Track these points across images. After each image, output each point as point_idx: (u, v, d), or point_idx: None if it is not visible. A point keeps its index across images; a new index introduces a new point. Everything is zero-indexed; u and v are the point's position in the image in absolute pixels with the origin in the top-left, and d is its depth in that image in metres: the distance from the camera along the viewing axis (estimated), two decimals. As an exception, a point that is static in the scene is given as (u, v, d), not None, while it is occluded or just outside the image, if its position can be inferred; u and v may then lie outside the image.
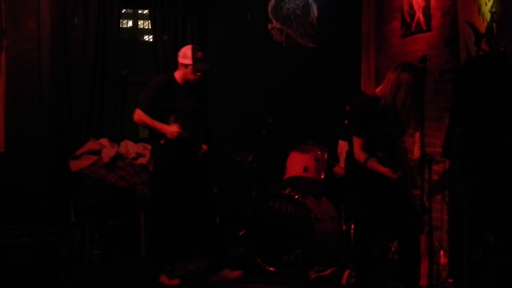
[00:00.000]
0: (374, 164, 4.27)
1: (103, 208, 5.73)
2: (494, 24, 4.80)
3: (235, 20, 6.87)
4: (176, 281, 5.03)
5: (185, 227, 5.59)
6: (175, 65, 6.49)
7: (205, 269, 5.40)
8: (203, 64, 5.15)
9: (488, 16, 4.86)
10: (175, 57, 6.50)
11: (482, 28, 4.94)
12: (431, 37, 5.71)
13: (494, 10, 4.79)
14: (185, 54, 5.15)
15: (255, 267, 5.41)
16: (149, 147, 6.14)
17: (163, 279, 5.06)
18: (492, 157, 4.03)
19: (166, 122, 5.03)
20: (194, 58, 5.08)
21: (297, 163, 5.64)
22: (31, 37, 6.09)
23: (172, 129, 4.98)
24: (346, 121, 5.51)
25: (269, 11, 6.91)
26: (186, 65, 5.12)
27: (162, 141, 5.02)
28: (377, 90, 4.52)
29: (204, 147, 5.21)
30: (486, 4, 4.88)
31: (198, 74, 5.11)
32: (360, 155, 4.32)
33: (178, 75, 5.20)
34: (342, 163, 5.61)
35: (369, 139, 4.36)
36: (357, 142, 4.38)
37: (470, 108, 4.25)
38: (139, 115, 5.04)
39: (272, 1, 6.90)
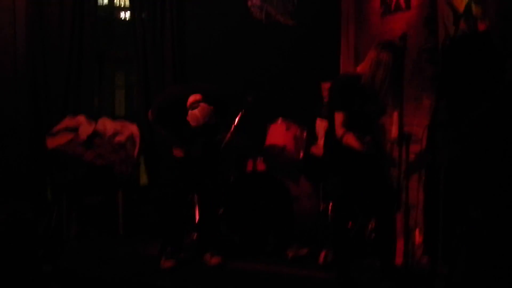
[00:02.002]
0: (349, 139, 4.29)
1: (81, 186, 5.71)
2: (472, 3, 4.80)
3: (214, -3, 6.81)
4: (168, 263, 5.02)
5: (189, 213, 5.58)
6: (153, 42, 6.47)
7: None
8: None
9: (467, -5, 4.87)
10: (154, 33, 6.49)
11: (461, 7, 4.94)
12: (410, 16, 5.70)
13: (472, -11, 4.80)
14: None
15: (233, 245, 5.42)
16: (127, 124, 6.14)
17: (161, 258, 5.06)
18: (474, 126, 4.08)
19: None
20: None
21: (277, 141, 5.64)
22: (5, 10, 6.02)
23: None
24: (325, 99, 5.53)
25: (249, -13, 6.85)
26: None
27: None
28: (358, 68, 4.53)
29: None
30: (465, -16, 4.89)
31: None
32: (339, 130, 4.33)
33: None
34: (319, 142, 5.63)
35: (348, 117, 4.37)
36: (337, 117, 4.38)
37: (455, 82, 4.29)
38: None
39: (252, -22, 6.85)
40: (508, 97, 4.07)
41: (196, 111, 4.85)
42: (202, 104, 4.87)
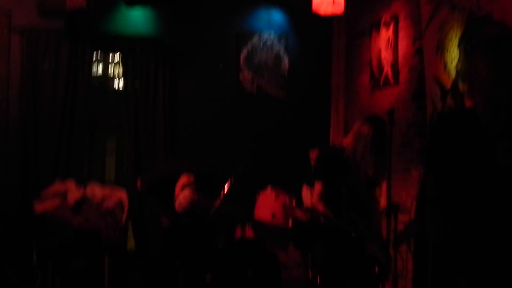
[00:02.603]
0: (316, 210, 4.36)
1: (67, 251, 5.63)
2: (459, 81, 4.94)
3: (207, 69, 6.95)
4: None
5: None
6: (145, 112, 6.55)
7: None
8: None
9: (453, 73, 5.01)
10: (146, 103, 6.58)
11: (448, 84, 5.08)
12: (399, 91, 5.85)
13: (459, 67, 4.94)
14: None
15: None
16: (116, 190, 6.12)
17: None
18: (462, 204, 4.11)
19: None
20: None
21: (266, 209, 5.65)
22: (0, 78, 6.09)
23: None
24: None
25: (241, 61, 7.01)
26: None
27: None
28: (343, 141, 4.62)
29: None
30: (451, 62, 5.04)
31: None
32: (314, 199, 4.39)
33: None
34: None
35: (330, 187, 4.42)
36: (316, 187, 4.45)
37: (443, 158, 4.35)
38: None
39: (244, 51, 7.01)
40: (498, 178, 4.12)
41: (181, 196, 4.89)
42: (186, 189, 4.91)
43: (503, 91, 3.58)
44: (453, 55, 5.04)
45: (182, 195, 4.88)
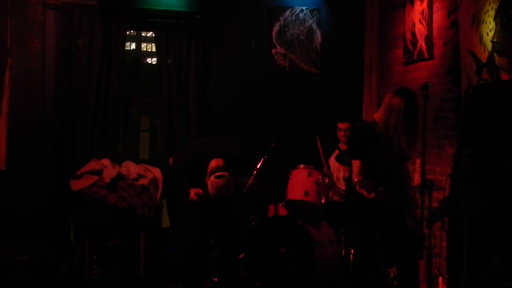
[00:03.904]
0: (358, 187, 4.32)
1: (103, 228, 5.73)
2: (495, 54, 4.84)
3: (239, 45, 6.92)
4: None
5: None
6: (178, 88, 6.57)
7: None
8: None
9: (489, 46, 4.91)
10: (179, 79, 6.60)
11: (483, 57, 4.98)
12: (433, 65, 5.76)
13: (495, 40, 4.84)
14: None
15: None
16: (151, 168, 6.20)
17: None
18: (499, 179, 4.04)
19: None
20: None
21: (298, 187, 5.65)
22: (36, 56, 6.18)
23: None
24: (341, 139, 5.98)
25: (273, 36, 6.95)
26: None
27: None
28: (374, 115, 4.58)
29: None
30: (487, 34, 4.94)
31: None
32: (354, 177, 4.37)
33: None
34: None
35: (367, 163, 4.40)
36: (354, 165, 4.44)
37: (480, 132, 4.28)
38: None
39: (276, 26, 6.95)
40: None
41: (221, 181, 4.85)
42: (227, 175, 4.87)
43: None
44: (489, 28, 4.94)
45: (220, 180, 4.85)
